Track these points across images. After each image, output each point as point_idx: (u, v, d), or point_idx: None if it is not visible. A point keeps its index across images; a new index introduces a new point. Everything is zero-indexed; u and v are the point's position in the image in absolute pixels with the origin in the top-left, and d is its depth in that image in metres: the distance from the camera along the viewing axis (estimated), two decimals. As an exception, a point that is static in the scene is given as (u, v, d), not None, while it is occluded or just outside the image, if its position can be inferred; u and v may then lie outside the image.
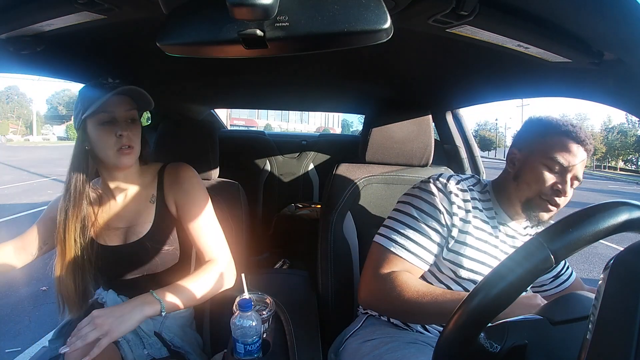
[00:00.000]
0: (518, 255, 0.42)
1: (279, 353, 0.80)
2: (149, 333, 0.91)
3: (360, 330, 0.91)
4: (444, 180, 0.86)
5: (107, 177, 0.91)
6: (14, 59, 0.80)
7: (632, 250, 0.36)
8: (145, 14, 0.61)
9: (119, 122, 0.85)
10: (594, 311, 0.35)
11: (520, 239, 0.88)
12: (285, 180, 1.69)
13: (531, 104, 40.95)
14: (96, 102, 0.80)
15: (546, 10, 0.54)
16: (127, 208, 0.93)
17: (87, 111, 0.80)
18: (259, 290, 0.88)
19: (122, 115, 0.86)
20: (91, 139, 0.85)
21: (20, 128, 31.70)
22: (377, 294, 0.81)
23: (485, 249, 0.83)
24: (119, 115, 0.85)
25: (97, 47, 0.91)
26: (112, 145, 0.84)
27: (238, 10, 0.41)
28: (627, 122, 37.77)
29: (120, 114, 0.85)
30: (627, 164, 39.30)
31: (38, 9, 0.60)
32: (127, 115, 0.87)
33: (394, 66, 1.13)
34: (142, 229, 0.91)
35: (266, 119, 37.53)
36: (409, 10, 0.56)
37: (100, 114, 0.83)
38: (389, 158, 1.23)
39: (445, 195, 0.83)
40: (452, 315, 0.45)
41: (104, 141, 0.84)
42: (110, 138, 0.84)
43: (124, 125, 0.86)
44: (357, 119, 31.54)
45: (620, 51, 0.57)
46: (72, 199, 0.86)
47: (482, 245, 0.83)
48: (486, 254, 0.83)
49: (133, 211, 0.93)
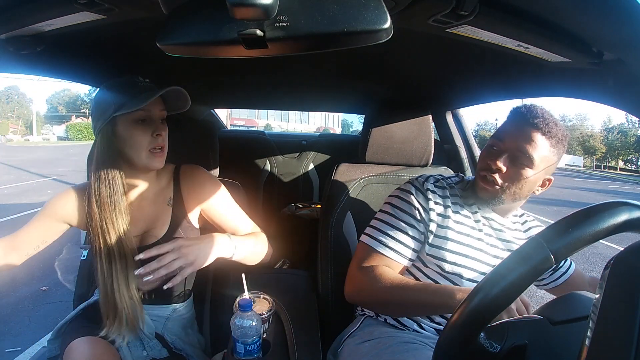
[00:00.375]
0: (518, 255, 0.42)
1: (279, 353, 0.80)
2: (150, 335, 0.91)
3: (358, 331, 0.92)
4: (421, 179, 0.92)
5: (128, 178, 0.87)
6: (14, 59, 0.80)
7: (632, 250, 0.36)
8: (145, 14, 0.61)
9: (155, 121, 0.84)
10: (594, 311, 0.35)
11: (509, 233, 0.90)
12: (285, 180, 1.69)
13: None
14: (136, 100, 0.78)
15: (546, 10, 0.54)
16: (144, 211, 0.91)
17: (123, 108, 0.78)
18: (259, 290, 0.88)
19: (157, 115, 0.85)
20: (121, 138, 0.82)
21: (20, 128, 31.71)
22: (358, 286, 0.86)
23: (468, 242, 0.85)
24: (154, 114, 0.84)
25: (97, 47, 0.91)
26: (146, 145, 0.82)
27: (238, 10, 0.41)
28: (627, 122, 37.80)
29: (156, 113, 0.84)
30: (627, 164, 39.31)
31: (38, 9, 0.60)
32: (161, 115, 0.86)
33: (394, 66, 1.13)
34: (160, 231, 0.90)
35: (266, 119, 37.52)
36: (409, 10, 0.56)
37: (136, 112, 0.80)
38: (389, 158, 1.23)
39: (422, 193, 0.89)
40: (452, 315, 0.45)
41: (139, 140, 0.82)
42: (145, 137, 0.82)
43: (160, 125, 0.85)
44: (357, 119, 31.53)
45: (620, 51, 0.57)
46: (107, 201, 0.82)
47: (463, 239, 0.85)
48: (469, 247, 0.85)
49: (150, 214, 0.91)
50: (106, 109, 0.80)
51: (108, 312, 0.83)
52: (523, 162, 0.79)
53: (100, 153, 0.83)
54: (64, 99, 43.09)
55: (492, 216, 0.90)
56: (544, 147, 0.79)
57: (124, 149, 0.83)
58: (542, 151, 0.79)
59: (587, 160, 40.59)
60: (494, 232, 0.89)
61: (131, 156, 0.83)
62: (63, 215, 0.87)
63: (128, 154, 0.83)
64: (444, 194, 0.89)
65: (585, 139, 39.81)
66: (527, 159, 0.79)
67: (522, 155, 0.79)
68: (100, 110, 0.82)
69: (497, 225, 0.89)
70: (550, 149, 0.80)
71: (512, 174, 0.81)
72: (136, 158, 0.83)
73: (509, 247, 0.88)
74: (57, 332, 0.93)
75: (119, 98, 0.80)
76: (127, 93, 0.80)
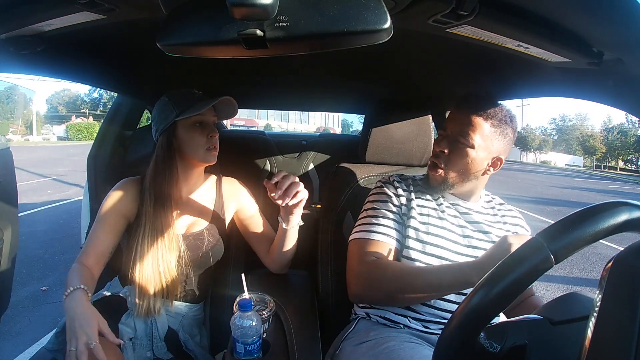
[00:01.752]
0: (518, 255, 0.42)
1: (279, 353, 0.80)
2: (161, 335, 0.94)
3: (354, 333, 0.92)
4: (387, 176, 1.04)
5: (182, 177, 1.02)
6: (14, 59, 0.80)
7: (632, 250, 0.36)
8: (145, 14, 0.61)
9: (209, 125, 0.99)
10: (594, 311, 0.35)
11: (478, 215, 0.95)
12: (285, 180, 1.68)
13: (531, 104, 40.99)
14: (195, 106, 0.93)
15: (546, 10, 0.54)
16: (191, 204, 1.04)
17: (184, 113, 0.93)
18: (259, 290, 0.88)
19: (211, 120, 1.00)
20: (181, 139, 0.97)
21: (20, 128, 31.71)
22: (367, 280, 0.86)
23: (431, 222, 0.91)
24: (208, 119, 0.99)
25: (97, 47, 0.91)
26: (203, 144, 0.97)
27: (238, 10, 0.41)
28: (627, 122, 37.80)
29: (209, 118, 0.99)
30: (627, 164, 39.31)
31: (38, 9, 0.60)
32: (213, 120, 1.01)
33: (394, 66, 1.13)
34: (202, 223, 1.04)
35: (266, 119, 37.53)
36: (409, 10, 0.56)
37: (194, 117, 0.95)
38: (388, 158, 1.23)
39: (390, 184, 1.00)
40: (452, 315, 0.45)
41: (197, 140, 0.97)
42: (202, 137, 0.97)
43: (213, 128, 1.00)
44: (357, 119, 31.57)
45: (620, 51, 0.57)
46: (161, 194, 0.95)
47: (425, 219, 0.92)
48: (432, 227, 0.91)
49: (196, 208, 1.04)
50: (168, 114, 0.95)
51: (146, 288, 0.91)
52: (462, 143, 0.87)
53: (160, 150, 0.97)
54: (64, 99, 43.01)
55: (456, 201, 0.96)
56: (482, 127, 0.86)
57: (183, 149, 0.98)
58: (481, 131, 0.86)
59: (587, 160, 40.61)
60: (461, 216, 0.94)
61: (190, 154, 0.98)
62: (122, 208, 0.97)
63: (187, 152, 0.98)
64: (407, 186, 0.99)
65: (585, 139, 39.85)
66: (465, 139, 0.86)
67: (461, 137, 0.87)
68: (163, 115, 0.96)
69: (462, 210, 0.95)
70: (491, 129, 0.86)
71: (454, 157, 0.88)
72: (195, 155, 0.98)
73: (480, 228, 0.92)
74: (63, 327, 0.93)
75: (179, 106, 0.94)
76: (186, 101, 0.95)
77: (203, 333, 1.06)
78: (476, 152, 0.86)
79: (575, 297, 0.52)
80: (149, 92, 1.37)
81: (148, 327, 0.93)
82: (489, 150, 0.87)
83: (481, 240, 0.91)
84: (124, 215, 0.97)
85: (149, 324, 0.93)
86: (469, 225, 0.93)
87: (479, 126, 0.86)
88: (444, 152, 0.89)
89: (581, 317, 0.45)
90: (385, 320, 0.91)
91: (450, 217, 0.93)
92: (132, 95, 1.49)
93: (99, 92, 37.11)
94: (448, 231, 0.91)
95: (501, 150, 0.89)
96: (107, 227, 0.95)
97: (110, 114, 1.53)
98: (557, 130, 47.42)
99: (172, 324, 0.97)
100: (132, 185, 0.99)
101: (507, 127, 0.88)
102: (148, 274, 0.91)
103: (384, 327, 0.90)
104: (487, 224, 0.93)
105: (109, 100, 30.85)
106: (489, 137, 0.86)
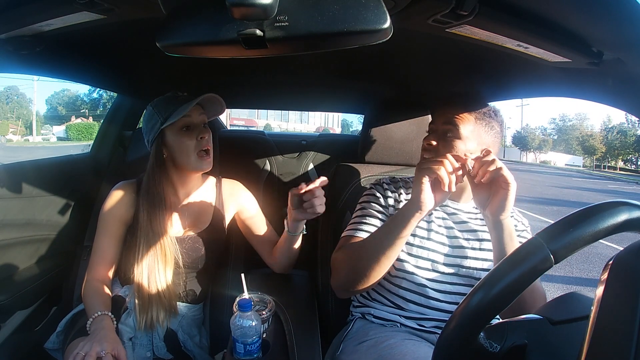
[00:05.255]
0: (518, 255, 0.42)
1: (279, 353, 0.80)
2: (161, 335, 0.94)
3: (353, 333, 0.93)
4: (378, 179, 1.06)
5: (179, 182, 1.01)
6: (13, 59, 0.80)
7: (632, 250, 0.36)
8: (145, 14, 0.61)
9: (197, 125, 0.96)
10: (594, 311, 0.35)
11: (465, 215, 0.95)
12: (285, 180, 1.68)
13: (531, 103, 41.02)
14: (178, 110, 0.90)
15: (546, 10, 0.54)
16: (189, 208, 1.02)
17: (169, 119, 0.90)
18: (259, 290, 0.88)
19: (198, 120, 0.96)
20: (171, 146, 0.95)
21: (20, 128, 31.71)
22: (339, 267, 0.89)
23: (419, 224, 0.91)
24: (195, 120, 0.95)
25: (96, 47, 0.91)
26: (193, 148, 0.94)
27: (237, 10, 0.41)
28: (626, 122, 37.76)
29: (196, 118, 0.96)
30: (627, 163, 39.31)
31: (38, 9, 0.60)
32: (201, 119, 0.97)
33: (394, 66, 1.13)
34: (202, 226, 1.03)
35: (266, 119, 37.52)
36: (409, 10, 0.56)
37: (180, 121, 0.92)
38: (388, 158, 1.23)
39: (380, 186, 1.01)
40: (452, 315, 0.45)
41: (186, 145, 0.93)
42: (191, 142, 0.94)
43: (202, 129, 0.96)
44: (357, 119, 31.54)
45: (620, 51, 0.57)
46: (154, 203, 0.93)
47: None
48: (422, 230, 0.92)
49: (194, 212, 1.03)
50: (155, 124, 0.93)
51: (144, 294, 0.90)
52: (450, 135, 0.87)
53: (153, 159, 0.95)
54: (64, 99, 43.01)
55: (445, 202, 0.96)
56: (468, 119, 0.87)
57: (175, 156, 0.95)
58: (467, 123, 0.87)
59: (587, 160, 40.60)
60: (449, 217, 0.95)
61: (182, 161, 0.95)
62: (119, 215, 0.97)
63: (179, 159, 0.95)
64: (397, 188, 1.00)
65: (585, 138, 39.82)
66: (452, 132, 0.87)
67: (448, 130, 0.88)
68: (150, 125, 0.95)
69: (451, 210, 0.95)
70: (476, 122, 0.87)
71: (442, 149, 0.88)
72: (187, 162, 0.95)
73: (467, 227, 0.93)
74: (64, 327, 0.94)
75: (164, 112, 0.92)
76: (169, 107, 0.92)
77: (203, 333, 1.06)
78: (465, 144, 0.86)
79: (575, 297, 0.52)
80: (149, 92, 1.37)
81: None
82: (478, 141, 0.87)
83: (468, 240, 0.91)
84: (122, 221, 0.97)
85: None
86: (456, 225, 0.93)
87: (465, 118, 0.87)
88: (432, 144, 0.90)
89: (581, 317, 0.45)
90: (380, 320, 0.91)
91: (438, 219, 0.94)
92: (132, 95, 1.49)
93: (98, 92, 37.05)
94: (435, 233, 0.91)
95: (489, 143, 0.89)
96: (109, 236, 0.96)
97: (110, 114, 1.53)
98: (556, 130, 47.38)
99: (172, 324, 0.97)
100: (128, 190, 0.99)
101: (492, 120, 0.88)
102: (145, 285, 0.90)
103: (381, 326, 0.90)
104: (475, 224, 0.93)
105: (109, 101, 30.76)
106: (476, 129, 0.87)
